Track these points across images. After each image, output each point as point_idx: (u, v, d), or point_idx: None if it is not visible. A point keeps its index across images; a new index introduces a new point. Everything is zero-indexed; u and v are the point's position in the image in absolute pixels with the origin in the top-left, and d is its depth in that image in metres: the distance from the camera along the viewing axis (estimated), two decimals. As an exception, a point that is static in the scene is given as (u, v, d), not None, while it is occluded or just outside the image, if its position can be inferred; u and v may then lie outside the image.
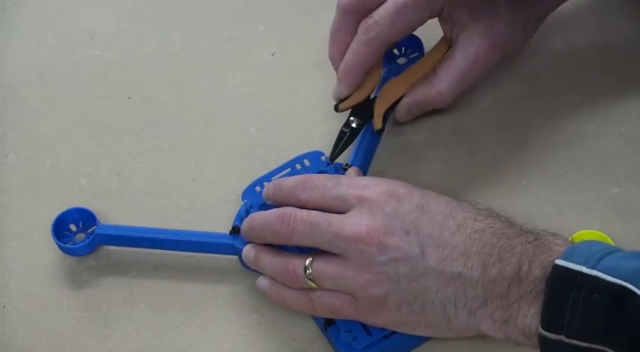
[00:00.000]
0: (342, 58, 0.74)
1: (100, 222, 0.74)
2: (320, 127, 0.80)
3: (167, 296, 0.72)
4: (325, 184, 0.67)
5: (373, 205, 0.64)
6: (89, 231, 0.74)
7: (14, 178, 0.80)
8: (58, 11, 0.90)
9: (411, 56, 0.79)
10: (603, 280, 0.58)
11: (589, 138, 0.76)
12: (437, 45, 0.77)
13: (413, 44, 0.79)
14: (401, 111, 0.76)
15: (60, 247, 0.73)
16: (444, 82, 0.74)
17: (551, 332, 0.59)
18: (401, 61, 0.79)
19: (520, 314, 0.61)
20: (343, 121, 0.76)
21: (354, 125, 0.75)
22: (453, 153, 0.77)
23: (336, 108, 0.75)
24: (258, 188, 0.73)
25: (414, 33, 0.76)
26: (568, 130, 0.77)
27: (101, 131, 0.82)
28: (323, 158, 0.74)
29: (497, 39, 0.74)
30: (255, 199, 0.72)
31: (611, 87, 0.79)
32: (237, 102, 0.82)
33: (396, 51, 0.79)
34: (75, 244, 0.74)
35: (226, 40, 0.86)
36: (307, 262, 0.66)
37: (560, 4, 0.77)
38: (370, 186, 0.66)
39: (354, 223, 0.64)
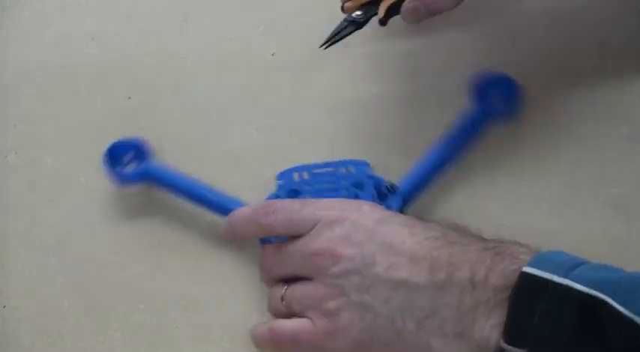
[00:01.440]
0: None
1: (151, 158, 0.76)
2: (320, 127, 0.80)
3: (167, 296, 0.72)
4: (291, 207, 0.67)
5: (335, 222, 0.65)
6: (138, 163, 0.76)
7: (14, 178, 0.80)
8: (58, 11, 0.90)
9: (506, 97, 0.76)
10: (576, 290, 0.54)
11: (589, 138, 0.76)
12: None
13: (507, 86, 0.77)
14: (406, 10, 0.70)
15: (109, 173, 0.75)
16: None
17: (515, 346, 0.56)
18: (495, 101, 0.77)
19: (476, 326, 0.57)
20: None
21: (358, 18, 0.72)
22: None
23: (342, 9, 0.73)
24: (296, 175, 0.73)
25: (507, 74, 0.75)
26: (568, 130, 0.77)
27: (101, 131, 0.82)
28: (367, 170, 0.73)
29: None
30: (288, 183, 0.73)
31: (611, 87, 0.79)
32: (237, 102, 0.82)
33: (492, 92, 0.77)
34: (123, 173, 0.75)
35: (226, 40, 0.86)
36: (284, 289, 0.66)
37: None
38: (336, 206, 0.66)
39: (315, 240, 0.65)
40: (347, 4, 0.73)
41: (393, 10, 0.72)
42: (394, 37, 0.84)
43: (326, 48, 0.71)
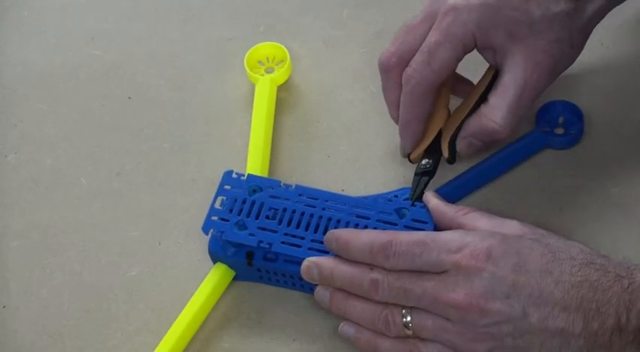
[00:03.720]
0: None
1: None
2: (320, 127, 0.80)
3: (167, 296, 0.72)
4: (411, 251, 0.65)
5: (469, 271, 0.63)
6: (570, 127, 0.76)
7: (14, 178, 0.80)
8: (58, 11, 0.90)
9: (570, 127, 0.76)
10: None
11: (589, 138, 0.76)
12: (486, 71, 0.74)
13: (572, 115, 0.76)
14: (461, 145, 0.73)
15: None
16: (497, 111, 0.71)
17: None
18: (559, 131, 0.76)
19: None
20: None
21: (427, 166, 0.72)
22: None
23: (410, 161, 0.74)
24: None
25: (576, 105, 0.76)
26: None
27: (101, 131, 0.82)
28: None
29: (540, 57, 0.70)
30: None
31: (611, 87, 0.79)
32: (237, 102, 0.82)
33: (560, 119, 0.77)
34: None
35: (226, 40, 0.86)
36: (404, 310, 0.65)
37: (602, 17, 0.74)
38: (463, 249, 0.64)
39: (452, 290, 0.63)
40: (413, 156, 0.74)
41: (453, 146, 0.73)
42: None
43: (413, 202, 0.71)
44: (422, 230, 0.69)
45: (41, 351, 0.71)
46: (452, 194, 0.73)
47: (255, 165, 0.75)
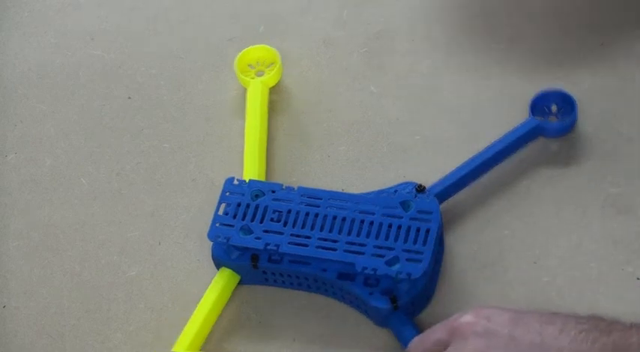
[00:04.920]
0: None
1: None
2: (320, 127, 0.80)
3: (167, 296, 0.72)
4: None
5: (463, 331, 0.60)
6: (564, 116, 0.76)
7: (14, 178, 0.80)
8: (58, 11, 0.90)
9: (563, 116, 0.76)
10: None
11: (589, 138, 0.76)
12: None
13: (566, 103, 0.76)
14: None
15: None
16: None
17: None
18: (552, 119, 0.76)
19: None
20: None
21: None
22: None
23: None
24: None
25: (566, 92, 0.75)
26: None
27: (101, 131, 0.82)
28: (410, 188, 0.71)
29: None
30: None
31: (611, 86, 0.79)
32: (238, 102, 0.82)
33: (553, 108, 0.76)
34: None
35: (226, 40, 0.86)
36: None
37: None
38: (456, 317, 0.61)
39: None
40: None
41: None
42: (395, 36, 0.84)
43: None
44: (429, 220, 0.68)
45: (41, 351, 0.71)
46: (448, 187, 0.73)
47: (251, 170, 0.75)
